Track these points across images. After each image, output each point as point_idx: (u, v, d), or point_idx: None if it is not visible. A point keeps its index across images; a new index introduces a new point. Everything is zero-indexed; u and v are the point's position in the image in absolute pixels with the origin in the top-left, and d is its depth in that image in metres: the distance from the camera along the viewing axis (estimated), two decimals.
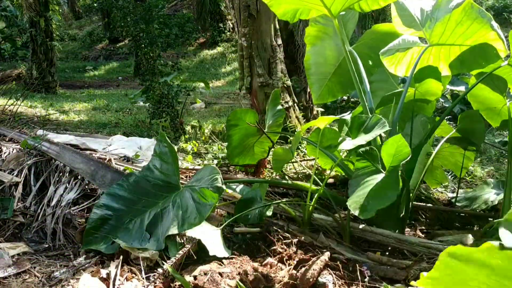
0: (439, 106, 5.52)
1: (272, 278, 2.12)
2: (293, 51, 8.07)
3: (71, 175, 3.00)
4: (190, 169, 3.51)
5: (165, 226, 2.30)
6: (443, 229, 2.82)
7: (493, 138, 5.05)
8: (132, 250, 2.26)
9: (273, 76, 4.75)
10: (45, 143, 3.31)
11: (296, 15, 2.98)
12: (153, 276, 2.09)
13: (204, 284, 2.08)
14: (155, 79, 5.89)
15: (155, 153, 2.61)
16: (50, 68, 10.49)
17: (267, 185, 3.05)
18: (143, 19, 5.97)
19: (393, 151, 2.24)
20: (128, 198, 2.48)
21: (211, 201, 2.24)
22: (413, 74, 2.79)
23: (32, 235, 2.68)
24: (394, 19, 2.97)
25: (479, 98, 2.96)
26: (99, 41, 18.72)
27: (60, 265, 2.29)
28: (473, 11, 2.73)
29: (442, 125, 3.07)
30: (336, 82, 3.40)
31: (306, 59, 3.48)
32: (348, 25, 3.23)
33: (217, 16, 16.60)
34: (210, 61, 15.29)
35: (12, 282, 2.09)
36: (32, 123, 4.90)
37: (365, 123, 2.36)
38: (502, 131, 5.08)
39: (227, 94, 10.75)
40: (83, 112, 7.54)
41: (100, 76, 14.58)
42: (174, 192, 2.46)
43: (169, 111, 5.80)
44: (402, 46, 2.90)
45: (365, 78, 2.87)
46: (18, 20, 13.75)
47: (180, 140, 5.03)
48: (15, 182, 2.92)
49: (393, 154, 2.25)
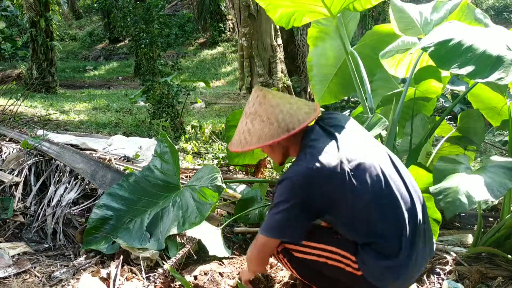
0: (439, 105, 5.52)
1: (272, 278, 2.12)
2: (293, 51, 8.09)
3: (71, 175, 3.00)
4: (190, 169, 3.52)
5: (166, 226, 2.30)
6: (443, 229, 2.82)
7: (493, 138, 5.06)
8: (132, 250, 2.26)
9: (273, 76, 4.76)
10: (45, 143, 3.31)
11: (290, 21, 2.97)
12: (154, 276, 2.09)
13: (204, 284, 2.08)
14: (155, 79, 5.89)
15: (156, 153, 2.61)
16: (50, 68, 10.48)
17: (267, 185, 3.05)
18: (143, 19, 5.97)
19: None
20: (128, 198, 2.48)
21: (212, 200, 2.24)
22: (413, 74, 2.79)
23: (32, 235, 2.68)
24: (392, 21, 2.97)
25: (479, 97, 2.96)
26: (99, 41, 18.72)
27: (60, 265, 2.29)
28: (470, 12, 2.76)
29: (442, 125, 3.07)
30: (337, 84, 3.40)
31: (309, 60, 3.48)
32: (349, 25, 3.23)
33: (217, 16, 16.59)
34: (210, 61, 15.29)
35: (12, 282, 2.10)
36: (32, 123, 4.90)
37: (365, 123, 2.36)
38: (502, 130, 5.08)
39: (227, 94, 10.76)
40: (83, 112, 7.54)
41: (100, 76, 14.58)
42: (174, 192, 2.46)
43: (169, 111, 5.81)
44: (402, 47, 2.90)
45: (365, 78, 2.87)
46: (18, 20, 13.75)
47: (180, 140, 5.03)
48: (15, 182, 2.92)
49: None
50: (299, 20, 2.98)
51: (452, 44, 2.02)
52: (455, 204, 1.95)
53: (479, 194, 1.96)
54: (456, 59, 1.98)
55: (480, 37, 2.05)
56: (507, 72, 1.87)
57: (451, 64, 1.99)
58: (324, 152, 1.53)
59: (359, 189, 1.50)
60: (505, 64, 1.89)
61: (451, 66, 1.98)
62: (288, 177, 1.53)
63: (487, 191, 1.97)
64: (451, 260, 2.30)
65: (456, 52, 2.00)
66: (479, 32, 2.14)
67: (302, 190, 1.51)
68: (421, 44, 2.13)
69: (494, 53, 1.93)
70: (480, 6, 14.89)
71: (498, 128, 3.79)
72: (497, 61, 1.91)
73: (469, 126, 2.98)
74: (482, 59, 1.94)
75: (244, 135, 1.65)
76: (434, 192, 2.06)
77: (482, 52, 1.95)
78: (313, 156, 1.52)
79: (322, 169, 1.49)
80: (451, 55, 2.00)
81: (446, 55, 2.01)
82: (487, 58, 1.93)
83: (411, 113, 2.95)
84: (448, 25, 2.23)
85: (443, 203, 1.99)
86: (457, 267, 2.23)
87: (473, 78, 1.95)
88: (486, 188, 1.98)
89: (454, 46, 2.02)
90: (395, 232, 1.53)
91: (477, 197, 1.95)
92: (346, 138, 1.61)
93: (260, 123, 1.62)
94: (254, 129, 1.63)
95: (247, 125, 1.65)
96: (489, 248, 2.31)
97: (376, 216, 1.52)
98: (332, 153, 1.53)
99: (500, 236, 2.33)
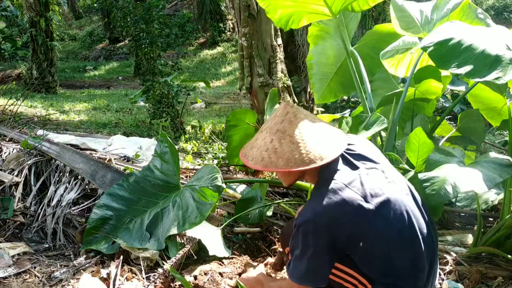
0: (439, 106, 5.53)
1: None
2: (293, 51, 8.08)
3: (71, 175, 3.00)
4: (190, 169, 3.52)
5: (166, 226, 2.30)
6: (443, 229, 2.82)
7: (493, 138, 5.06)
8: (132, 250, 2.26)
9: (273, 76, 4.75)
10: (45, 143, 3.31)
11: (288, 23, 2.97)
12: (154, 276, 2.09)
13: (204, 284, 2.08)
14: (155, 79, 5.90)
15: (156, 154, 2.61)
16: (50, 68, 10.49)
17: (267, 185, 3.05)
18: (143, 19, 5.97)
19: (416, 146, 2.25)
20: (128, 198, 2.48)
21: (212, 200, 2.24)
22: (413, 74, 2.79)
23: (32, 235, 2.68)
24: (393, 20, 2.97)
25: (479, 97, 2.96)
26: (99, 41, 18.72)
27: (60, 265, 2.29)
28: (471, 12, 2.76)
29: (442, 125, 3.08)
30: (337, 82, 3.41)
31: (309, 58, 3.49)
32: (350, 25, 3.23)
33: (217, 16, 16.59)
34: (210, 61, 15.29)
35: (12, 282, 2.10)
36: (32, 123, 4.90)
37: (365, 122, 2.36)
38: (502, 130, 5.08)
39: (227, 94, 10.76)
40: (83, 112, 7.55)
41: (100, 76, 14.58)
42: (174, 192, 2.46)
43: (169, 111, 5.81)
44: (402, 47, 2.91)
45: (365, 78, 2.88)
46: (18, 20, 13.76)
47: (180, 140, 5.03)
48: (15, 182, 2.92)
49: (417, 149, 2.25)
50: (297, 22, 2.98)
51: (451, 43, 2.02)
52: (440, 193, 1.97)
53: (465, 186, 1.98)
54: (455, 59, 1.98)
55: (480, 37, 2.05)
56: (505, 71, 1.87)
57: (450, 64, 1.99)
58: (347, 187, 1.44)
59: (383, 228, 1.44)
60: (504, 64, 1.89)
61: (450, 66, 1.98)
62: (311, 219, 1.43)
63: (473, 183, 1.98)
64: (451, 260, 2.30)
65: (456, 51, 2.00)
66: (479, 32, 2.14)
67: (327, 231, 1.42)
68: (421, 44, 2.13)
69: (493, 53, 1.93)
70: (480, 6, 14.88)
71: (498, 128, 3.80)
72: (495, 60, 1.91)
73: (469, 126, 2.98)
74: (480, 59, 1.94)
75: (269, 153, 1.49)
76: (422, 179, 2.07)
77: (481, 51, 1.96)
78: (335, 193, 1.43)
79: (346, 207, 1.41)
80: (450, 55, 2.00)
81: (445, 55, 2.02)
82: (486, 58, 1.93)
83: (411, 113, 2.95)
84: (449, 25, 2.23)
85: (428, 190, 2.01)
86: (457, 267, 2.23)
87: (472, 77, 1.95)
88: (473, 180, 1.99)
89: (453, 45, 2.02)
90: (413, 272, 1.49)
91: (463, 188, 1.97)
92: (369, 170, 1.52)
93: (289, 145, 1.47)
94: (281, 150, 1.47)
95: (272, 142, 1.49)
96: (489, 248, 2.31)
97: (396, 256, 1.46)
98: (356, 188, 1.45)
99: (500, 236, 2.33)
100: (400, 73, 3.09)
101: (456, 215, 3.01)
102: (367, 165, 1.54)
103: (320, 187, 1.49)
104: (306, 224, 1.44)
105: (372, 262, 1.47)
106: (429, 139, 2.25)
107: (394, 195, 1.48)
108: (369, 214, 1.43)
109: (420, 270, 1.50)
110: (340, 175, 1.48)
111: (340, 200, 1.42)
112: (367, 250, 1.45)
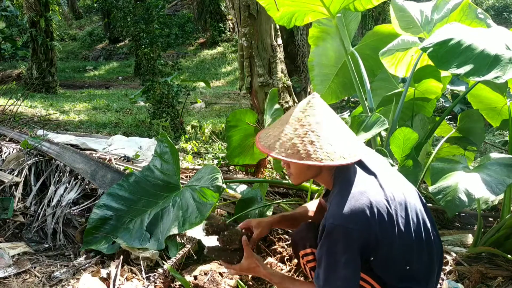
0: (439, 106, 5.52)
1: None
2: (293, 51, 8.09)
3: (71, 175, 3.00)
4: (190, 169, 3.51)
5: (166, 226, 2.30)
6: (443, 229, 2.82)
7: (493, 138, 5.06)
8: (132, 250, 2.26)
9: (273, 76, 4.74)
10: (45, 143, 3.31)
11: (292, 20, 2.97)
12: (154, 276, 2.09)
13: (204, 284, 2.08)
14: (155, 79, 5.90)
15: (156, 154, 2.61)
16: (50, 68, 10.49)
17: (267, 185, 3.05)
18: (143, 19, 5.98)
19: (401, 141, 2.24)
20: (128, 198, 2.48)
21: (212, 200, 2.24)
22: (413, 74, 2.79)
23: (32, 235, 2.68)
24: (393, 20, 2.97)
25: (479, 97, 2.96)
26: (99, 41, 18.71)
27: (60, 265, 2.29)
28: (471, 12, 2.76)
29: (442, 125, 3.07)
30: (338, 83, 3.41)
31: (310, 60, 3.49)
32: (350, 25, 3.23)
33: (217, 16, 16.59)
34: (210, 61, 15.29)
35: (12, 282, 2.10)
36: (32, 123, 4.90)
37: (364, 122, 2.36)
38: (502, 131, 5.08)
39: (227, 94, 10.76)
40: (83, 112, 7.55)
41: (100, 76, 14.58)
42: (174, 192, 2.46)
43: (169, 111, 5.81)
44: (402, 46, 2.91)
45: (366, 78, 2.88)
46: (18, 20, 13.76)
47: (180, 140, 5.03)
48: (15, 182, 2.92)
49: (402, 144, 2.25)
50: (301, 20, 2.98)
51: (451, 44, 2.03)
52: (455, 202, 1.96)
53: (479, 192, 1.97)
54: (455, 59, 1.99)
55: (479, 37, 2.05)
56: (504, 70, 1.87)
57: (450, 64, 1.99)
58: (369, 189, 1.41)
59: (403, 231, 1.42)
60: (503, 63, 1.89)
61: (450, 66, 1.99)
62: (341, 224, 1.36)
63: (486, 188, 1.98)
64: (451, 260, 2.30)
65: (455, 52, 2.00)
66: (479, 33, 2.15)
67: (359, 235, 1.37)
68: (421, 45, 2.13)
69: (492, 52, 1.94)
70: (480, 6, 14.88)
71: (498, 128, 3.80)
72: (495, 60, 1.91)
73: (469, 126, 2.98)
74: (480, 58, 1.94)
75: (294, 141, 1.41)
76: (434, 191, 2.06)
77: (481, 51, 1.96)
78: (362, 195, 1.39)
79: (374, 209, 1.38)
80: (450, 55, 2.00)
81: (445, 56, 2.02)
82: (485, 57, 1.94)
83: (411, 113, 2.95)
84: (448, 27, 2.23)
85: (443, 202, 2.00)
86: (457, 267, 2.24)
87: (471, 77, 1.95)
88: (485, 185, 1.99)
89: (453, 46, 2.02)
90: (427, 275, 1.49)
91: (477, 195, 1.96)
92: (383, 173, 1.50)
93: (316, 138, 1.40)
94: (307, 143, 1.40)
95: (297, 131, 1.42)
96: (489, 248, 2.31)
97: (414, 259, 1.45)
98: (378, 190, 1.42)
99: (500, 236, 2.33)
100: (400, 73, 3.09)
101: (456, 215, 3.01)
102: (380, 168, 1.53)
103: (342, 190, 1.43)
104: (336, 231, 1.37)
105: (391, 266, 1.45)
106: (415, 133, 2.23)
107: (409, 198, 1.48)
108: (393, 217, 1.41)
109: (432, 272, 1.50)
110: (360, 178, 1.45)
111: (368, 202, 1.38)
112: (388, 254, 1.42)
